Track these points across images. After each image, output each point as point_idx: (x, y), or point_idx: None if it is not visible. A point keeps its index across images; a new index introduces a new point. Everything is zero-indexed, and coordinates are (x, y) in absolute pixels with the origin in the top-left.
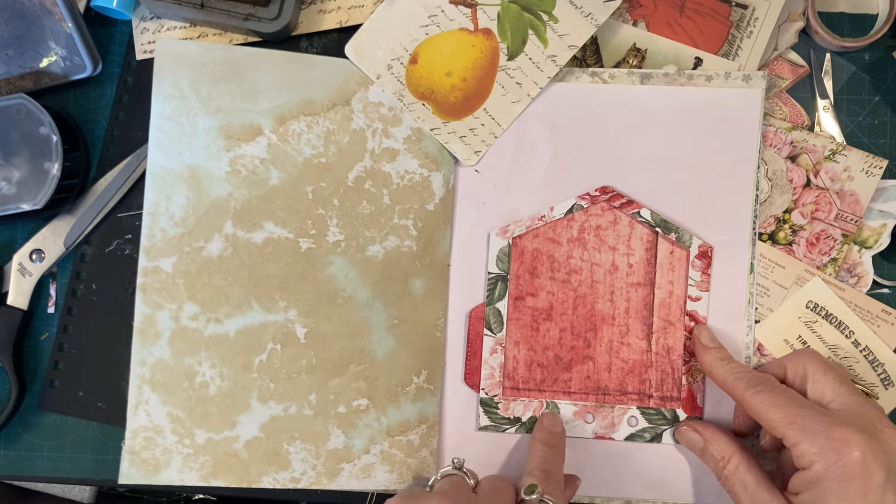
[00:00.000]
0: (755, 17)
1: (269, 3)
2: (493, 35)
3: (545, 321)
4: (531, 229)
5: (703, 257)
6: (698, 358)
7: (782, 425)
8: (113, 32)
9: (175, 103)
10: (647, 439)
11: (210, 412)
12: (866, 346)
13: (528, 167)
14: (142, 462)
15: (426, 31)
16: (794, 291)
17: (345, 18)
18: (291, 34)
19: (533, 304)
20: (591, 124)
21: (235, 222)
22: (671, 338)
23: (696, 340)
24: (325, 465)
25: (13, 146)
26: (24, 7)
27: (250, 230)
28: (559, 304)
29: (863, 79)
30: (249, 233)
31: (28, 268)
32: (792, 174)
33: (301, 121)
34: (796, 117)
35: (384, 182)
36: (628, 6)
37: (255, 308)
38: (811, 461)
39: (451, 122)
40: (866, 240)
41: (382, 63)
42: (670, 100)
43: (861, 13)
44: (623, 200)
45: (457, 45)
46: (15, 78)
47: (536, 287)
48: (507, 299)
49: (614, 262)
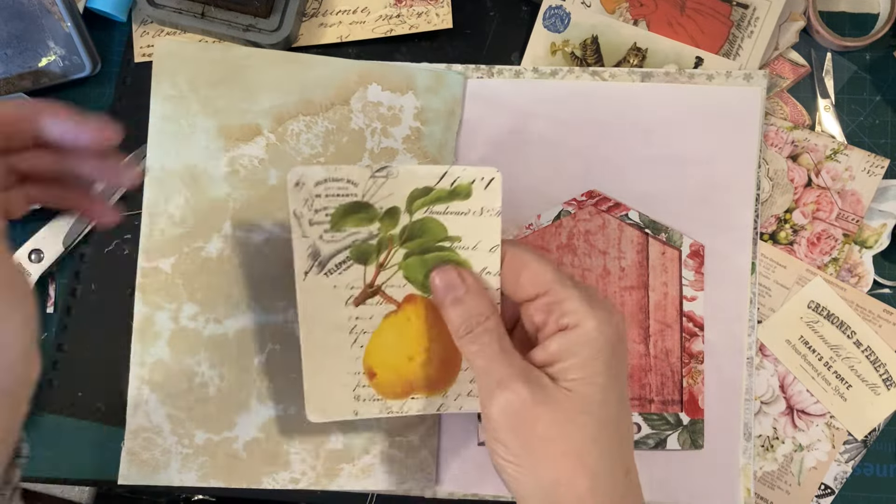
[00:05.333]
0: (756, 16)
1: (269, 14)
2: (415, 296)
3: None
4: (519, 238)
5: (695, 256)
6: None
7: (552, 281)
8: (112, 32)
9: (174, 103)
10: (650, 446)
11: (209, 412)
12: (868, 346)
13: (527, 166)
14: (141, 462)
15: (360, 344)
16: (796, 291)
17: (346, 33)
18: (292, 46)
19: None
20: (592, 123)
21: (234, 222)
22: (669, 340)
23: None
24: (324, 465)
25: None
26: (23, 6)
27: (249, 230)
28: None
29: (864, 78)
30: (248, 233)
31: (27, 268)
32: (793, 174)
33: (300, 121)
34: (797, 117)
35: None
36: (629, 5)
37: (254, 308)
38: (580, 320)
39: (452, 387)
40: (866, 240)
41: (346, 402)
42: (671, 99)
43: (862, 13)
44: (610, 203)
45: (395, 331)
46: (14, 77)
47: None
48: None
49: (605, 266)
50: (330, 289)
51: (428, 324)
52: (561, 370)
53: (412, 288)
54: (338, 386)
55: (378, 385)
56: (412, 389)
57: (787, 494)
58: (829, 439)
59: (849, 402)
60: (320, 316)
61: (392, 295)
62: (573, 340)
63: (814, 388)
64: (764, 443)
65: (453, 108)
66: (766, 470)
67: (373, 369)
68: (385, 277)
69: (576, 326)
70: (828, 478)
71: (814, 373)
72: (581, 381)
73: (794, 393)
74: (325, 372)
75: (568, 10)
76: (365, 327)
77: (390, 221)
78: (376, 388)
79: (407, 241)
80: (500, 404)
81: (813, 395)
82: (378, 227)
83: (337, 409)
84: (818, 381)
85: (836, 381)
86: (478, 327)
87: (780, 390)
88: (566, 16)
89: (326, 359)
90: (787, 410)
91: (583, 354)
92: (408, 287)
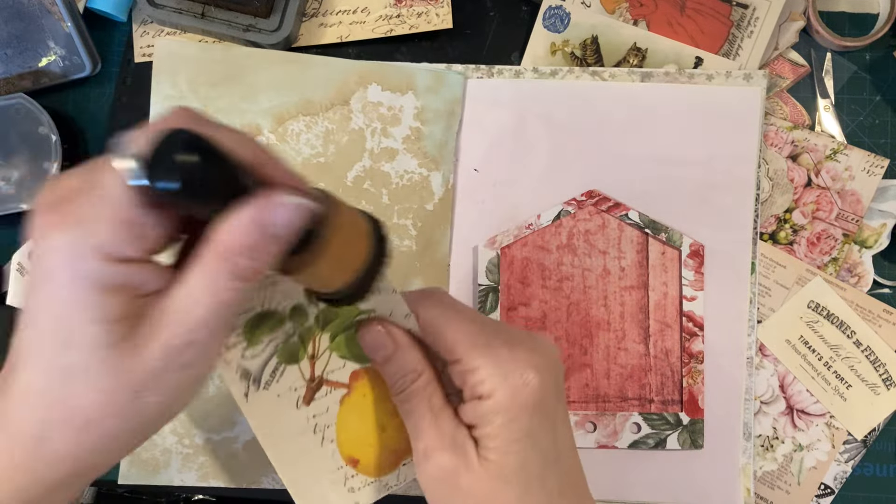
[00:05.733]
0: (756, 16)
1: (270, 14)
2: (358, 372)
3: (539, 330)
4: (519, 238)
5: (695, 256)
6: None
7: (463, 348)
8: (112, 32)
9: (174, 103)
10: (650, 446)
11: (209, 412)
12: (868, 345)
13: (527, 166)
14: (141, 462)
15: (329, 439)
16: (796, 291)
17: (346, 33)
18: (292, 46)
19: (526, 314)
20: (592, 123)
21: None
22: (668, 340)
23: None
24: None
25: (12, 146)
26: (23, 6)
27: None
28: (552, 313)
29: (863, 78)
30: None
31: (28, 267)
32: (793, 173)
33: (300, 121)
34: (797, 117)
35: (383, 182)
36: (629, 5)
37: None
38: (491, 390)
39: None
40: (866, 240)
41: (343, 500)
42: (671, 98)
43: (862, 13)
44: (610, 203)
45: (356, 412)
46: (14, 77)
47: (528, 296)
48: (499, 310)
49: (606, 266)
50: (275, 399)
51: (384, 388)
52: (481, 436)
53: (352, 364)
54: (328, 487)
55: (365, 468)
56: (400, 457)
57: (786, 494)
58: (829, 439)
59: (849, 401)
60: (278, 429)
61: (337, 379)
62: (487, 409)
63: (814, 387)
64: (764, 443)
65: (453, 108)
66: (766, 470)
67: (353, 457)
68: (322, 365)
69: (488, 397)
70: (828, 478)
71: (813, 373)
72: (497, 450)
73: (793, 393)
74: (308, 480)
75: (568, 10)
76: (326, 421)
77: (300, 317)
78: (365, 472)
79: (325, 324)
80: (426, 472)
81: (813, 394)
82: (291, 326)
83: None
84: (818, 381)
85: (835, 380)
86: (410, 386)
87: (779, 390)
88: (566, 16)
89: (305, 467)
90: (786, 410)
91: (497, 422)
92: (348, 365)
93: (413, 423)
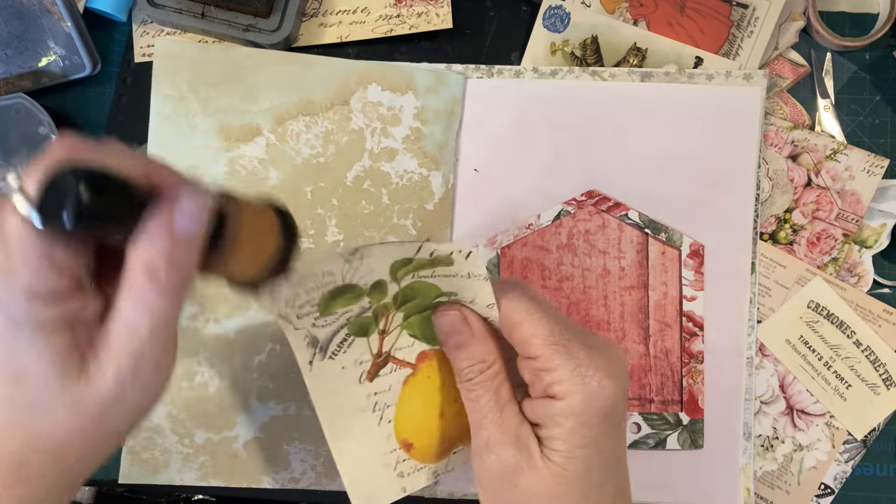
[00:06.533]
0: (756, 16)
1: (269, 14)
2: (427, 353)
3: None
4: (519, 238)
5: (695, 256)
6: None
7: (542, 345)
8: (112, 32)
9: (174, 104)
10: (650, 446)
11: (209, 412)
12: (868, 345)
13: (528, 166)
14: (141, 462)
15: (387, 420)
16: (796, 291)
17: (346, 33)
18: (292, 46)
19: None
20: (592, 123)
21: None
22: (668, 340)
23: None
24: (324, 465)
25: (12, 146)
26: (23, 6)
27: None
28: None
29: (863, 78)
30: None
31: None
32: (793, 173)
33: (300, 121)
34: (797, 117)
35: (383, 182)
36: (629, 5)
37: (254, 308)
38: (566, 393)
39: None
40: (866, 240)
41: (391, 484)
42: (671, 98)
43: (862, 13)
44: (610, 203)
45: (419, 393)
46: (14, 77)
47: None
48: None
49: (605, 266)
50: (339, 371)
51: (449, 373)
52: (547, 437)
53: (421, 344)
54: (378, 470)
55: (418, 453)
56: (453, 444)
57: (786, 494)
58: (829, 439)
59: (848, 401)
60: (337, 402)
61: (404, 358)
62: (558, 410)
63: (813, 387)
64: (764, 442)
65: (453, 108)
66: (766, 470)
67: (408, 440)
68: (391, 342)
69: (562, 398)
70: (828, 477)
71: (813, 372)
72: (563, 454)
73: (793, 393)
74: (360, 460)
75: (568, 10)
76: (386, 400)
77: (379, 293)
78: (417, 458)
79: (402, 304)
80: (485, 465)
81: (813, 394)
82: (368, 301)
83: (384, 493)
84: (818, 381)
85: (835, 380)
86: (479, 375)
87: (779, 390)
88: (566, 16)
89: (358, 446)
90: (786, 410)
91: (566, 426)
92: (417, 345)
93: (477, 414)
